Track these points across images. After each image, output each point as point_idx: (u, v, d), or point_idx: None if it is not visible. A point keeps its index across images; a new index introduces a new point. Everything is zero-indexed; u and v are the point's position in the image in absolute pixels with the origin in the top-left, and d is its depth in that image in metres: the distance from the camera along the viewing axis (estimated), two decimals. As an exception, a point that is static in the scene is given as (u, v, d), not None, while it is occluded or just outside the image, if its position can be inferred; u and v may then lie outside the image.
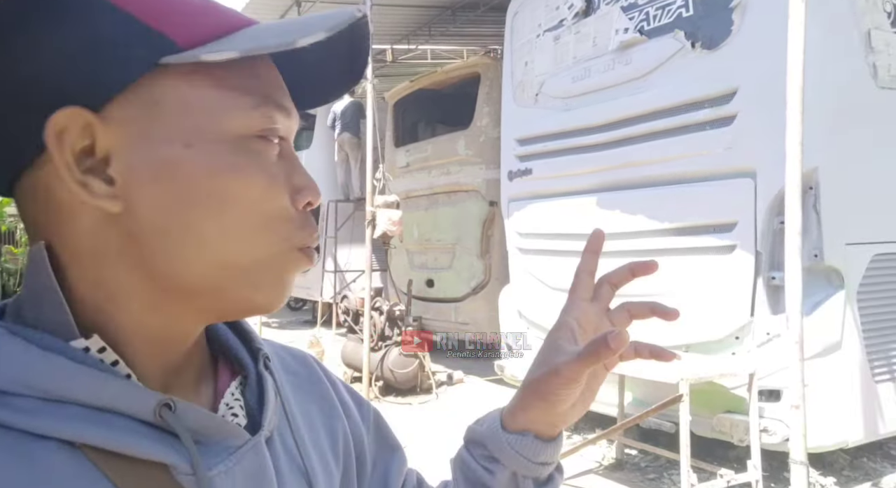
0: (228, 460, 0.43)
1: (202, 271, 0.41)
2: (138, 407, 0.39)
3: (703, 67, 3.45)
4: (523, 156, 4.66)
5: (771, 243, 3.25)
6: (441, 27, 8.63)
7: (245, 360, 0.51)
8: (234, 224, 0.41)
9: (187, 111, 0.40)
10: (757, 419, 3.09)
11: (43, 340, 0.39)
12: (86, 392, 0.38)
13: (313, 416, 0.56)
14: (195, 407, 0.42)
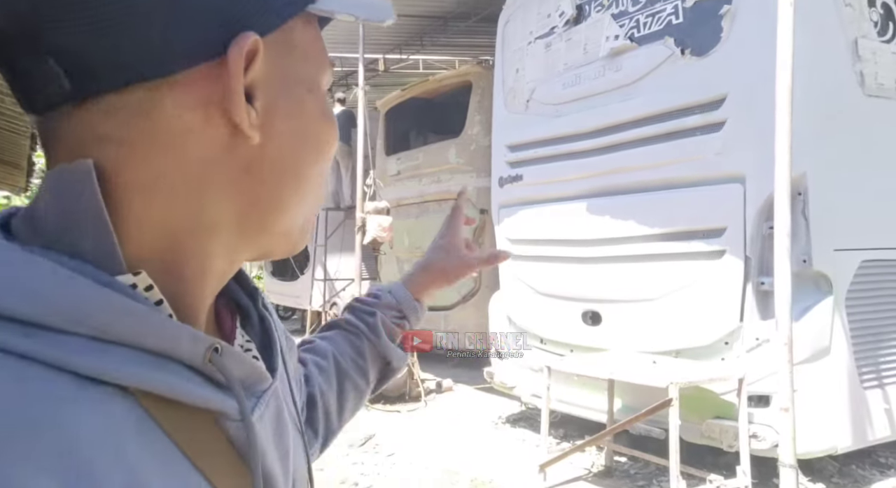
0: (259, 405, 0.42)
1: (293, 210, 0.43)
2: (190, 352, 0.37)
3: (693, 74, 3.47)
4: (514, 162, 4.67)
5: (760, 248, 3.25)
6: (433, 37, 8.68)
7: (244, 300, 0.50)
8: (322, 171, 0.44)
9: (309, 59, 0.42)
10: (746, 424, 3.08)
11: (89, 271, 0.34)
12: (140, 333, 0.35)
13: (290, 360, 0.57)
14: (237, 352, 0.41)
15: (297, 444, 0.49)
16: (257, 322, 0.50)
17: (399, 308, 0.78)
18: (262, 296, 0.52)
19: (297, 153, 0.42)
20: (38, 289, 0.32)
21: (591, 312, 4.04)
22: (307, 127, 0.42)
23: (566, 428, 4.44)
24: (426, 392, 5.45)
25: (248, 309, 0.50)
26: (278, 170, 0.41)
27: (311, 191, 0.44)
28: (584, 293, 4.05)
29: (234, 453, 0.39)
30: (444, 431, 4.62)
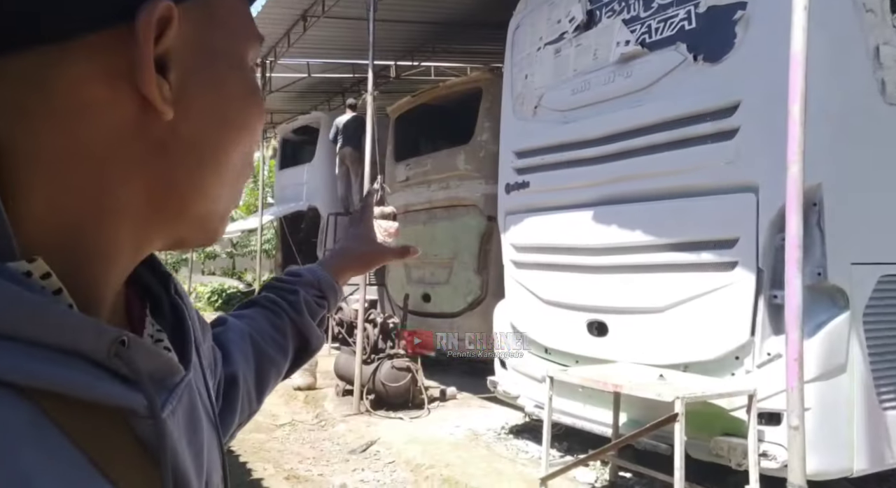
0: (171, 399, 0.39)
1: (213, 195, 0.40)
2: (91, 345, 0.33)
3: (705, 80, 3.39)
4: (521, 169, 4.60)
5: (773, 260, 3.15)
6: (444, 44, 8.67)
7: (154, 287, 0.46)
8: (245, 152, 0.41)
9: (232, 31, 0.40)
10: (756, 442, 2.97)
11: None
12: (35, 326, 0.31)
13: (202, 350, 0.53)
14: (145, 344, 0.37)
15: (210, 438, 0.46)
16: (169, 310, 0.46)
17: (319, 287, 0.79)
18: (175, 282, 0.48)
19: (218, 132, 0.39)
20: None
21: (597, 322, 3.95)
22: (229, 104, 0.39)
23: (570, 441, 4.34)
24: (430, 399, 5.37)
25: (160, 296, 0.46)
26: (196, 151, 0.38)
27: (234, 175, 0.41)
28: (590, 303, 3.96)
29: (144, 454, 0.36)
30: (445, 440, 4.54)
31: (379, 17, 6.20)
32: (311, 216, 9.40)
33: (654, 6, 3.67)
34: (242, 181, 0.43)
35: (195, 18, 0.37)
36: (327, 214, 8.91)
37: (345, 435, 4.59)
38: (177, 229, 0.40)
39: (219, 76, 0.39)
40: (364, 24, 6.58)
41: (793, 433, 2.35)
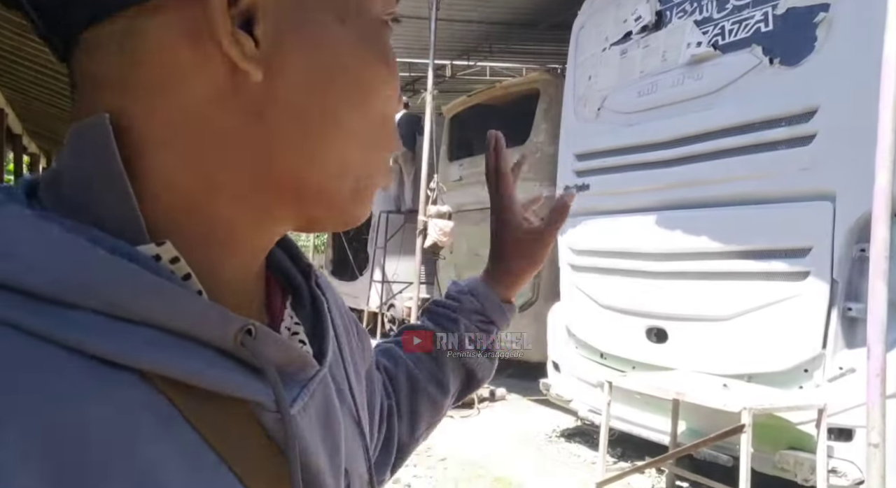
0: (303, 395, 0.37)
1: (327, 164, 0.35)
2: (218, 333, 0.32)
3: (782, 84, 3.29)
4: (581, 171, 4.56)
5: (848, 271, 3.05)
6: (501, 44, 8.65)
7: (296, 278, 0.44)
8: (369, 118, 0.37)
9: None
10: (825, 458, 2.88)
11: (109, 242, 0.30)
12: (161, 311, 0.30)
13: (351, 348, 0.51)
14: (274, 334, 0.35)
15: (353, 439, 0.44)
16: (309, 302, 0.44)
17: (483, 311, 0.69)
18: (317, 273, 0.46)
19: (323, 93, 0.34)
20: (48, 259, 0.28)
21: (657, 329, 3.89)
22: (335, 61, 0.34)
23: (623, 447, 4.29)
24: (479, 399, 5.38)
25: (300, 287, 0.44)
26: (298, 118, 0.34)
27: (359, 145, 0.36)
28: (650, 309, 3.90)
29: (271, 449, 0.34)
30: (496, 440, 4.54)
31: (438, 16, 6.25)
32: (363, 213, 9.53)
33: (728, 7, 3.59)
34: (377, 152, 0.38)
35: None
36: (379, 212, 9.01)
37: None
38: (299, 207, 0.36)
39: (323, 29, 0.34)
40: (423, 23, 6.64)
41: (872, 451, 2.27)
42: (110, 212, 0.31)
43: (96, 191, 0.31)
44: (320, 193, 0.36)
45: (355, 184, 0.37)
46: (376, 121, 0.37)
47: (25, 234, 0.28)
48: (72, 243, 0.29)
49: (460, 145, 7.96)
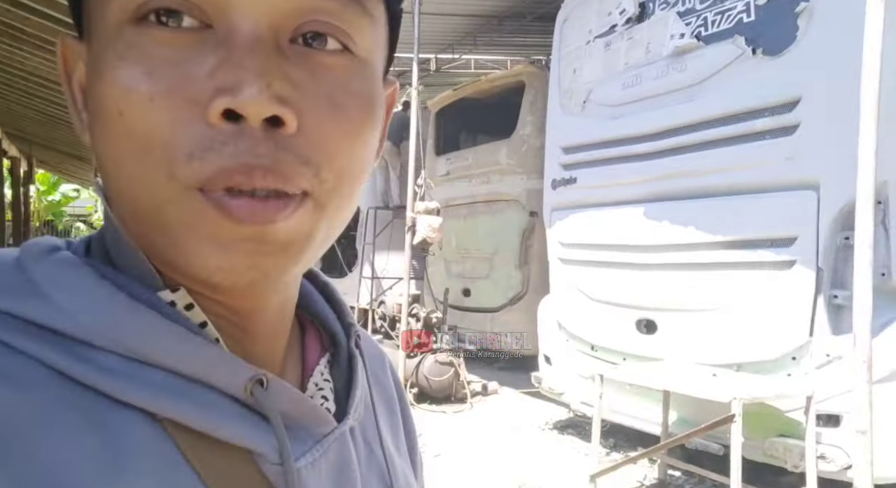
0: (315, 450, 0.37)
1: (126, 218, 0.34)
2: (229, 381, 0.33)
3: (764, 75, 3.31)
4: (568, 164, 4.57)
5: (834, 260, 3.08)
6: (486, 37, 8.62)
7: (339, 335, 0.44)
8: (115, 151, 0.31)
9: (93, 3, 0.33)
10: (814, 444, 2.92)
11: (132, 288, 0.32)
12: (175, 356, 0.32)
13: (391, 413, 0.50)
14: (288, 387, 0.36)
15: None
16: (346, 361, 0.44)
17: None
18: (359, 334, 0.45)
19: (94, 141, 0.34)
20: (79, 304, 0.31)
21: (646, 320, 3.92)
22: (91, 102, 0.33)
23: (616, 437, 4.32)
24: (472, 394, 5.40)
25: (341, 345, 0.44)
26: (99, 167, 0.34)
27: (124, 183, 0.32)
28: (639, 300, 3.93)
29: None
30: (490, 434, 4.56)
31: (422, 10, 6.22)
32: (351, 209, 9.50)
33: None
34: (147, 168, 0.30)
35: (92, 35, 0.33)
36: (367, 208, 8.99)
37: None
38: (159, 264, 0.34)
39: (89, 78, 0.33)
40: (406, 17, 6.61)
41: (859, 437, 2.30)
42: (131, 262, 0.34)
43: (117, 247, 0.35)
44: (146, 246, 0.33)
45: (158, 230, 0.32)
46: (131, 147, 0.30)
47: (66, 281, 0.32)
48: (101, 290, 0.32)
49: (447, 139, 7.95)
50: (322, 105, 0.31)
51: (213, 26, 0.30)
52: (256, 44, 0.30)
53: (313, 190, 0.32)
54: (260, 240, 0.31)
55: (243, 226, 0.30)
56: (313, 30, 0.32)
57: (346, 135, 0.32)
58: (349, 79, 0.33)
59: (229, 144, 0.29)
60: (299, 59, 0.31)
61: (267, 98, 0.29)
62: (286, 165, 0.30)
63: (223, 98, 0.29)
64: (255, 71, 0.29)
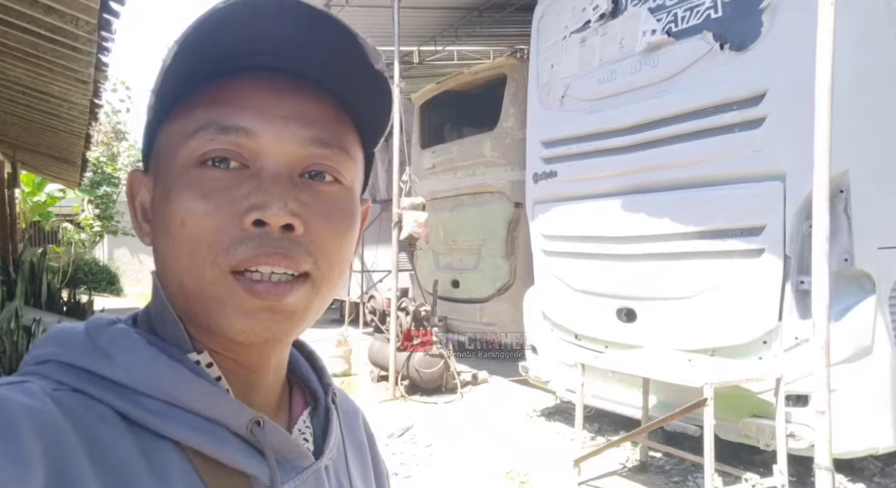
0: (297, 478, 0.48)
1: (177, 299, 0.47)
2: (235, 421, 0.45)
3: (732, 69, 3.42)
4: (548, 158, 4.67)
5: (800, 247, 3.21)
6: (468, 28, 8.66)
7: (318, 392, 0.57)
8: (174, 250, 0.45)
9: (164, 152, 0.47)
10: (784, 424, 3.06)
11: (170, 350, 0.45)
12: (200, 401, 0.44)
13: (362, 459, 0.62)
14: (279, 428, 0.48)
15: None
16: (323, 413, 0.56)
17: None
18: (334, 392, 0.58)
19: (155, 241, 0.48)
20: (134, 363, 0.44)
21: (626, 309, 4.05)
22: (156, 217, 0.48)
23: (601, 422, 4.47)
24: (462, 384, 5.53)
25: (320, 400, 0.57)
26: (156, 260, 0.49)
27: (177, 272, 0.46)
28: (619, 290, 4.06)
29: None
30: (480, 423, 4.70)
31: (403, 4, 6.25)
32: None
33: (679, -5, 3.69)
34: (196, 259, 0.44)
35: (153, 169, 0.49)
36: (355, 202, 9.06)
37: (382, 420, 4.78)
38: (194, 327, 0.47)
39: (153, 201, 0.49)
40: (387, 12, 6.63)
41: (819, 417, 2.44)
42: (171, 331, 0.47)
43: (161, 318, 0.48)
44: (188, 316, 0.47)
45: (199, 304, 0.45)
46: (186, 245, 0.44)
47: (124, 346, 0.45)
48: (148, 352, 0.45)
49: (432, 132, 8.01)
50: (321, 217, 0.46)
51: (250, 167, 0.45)
52: (278, 177, 0.45)
53: (313, 273, 0.45)
54: (273, 311, 0.45)
55: (262, 301, 0.44)
56: (316, 169, 0.47)
57: (335, 237, 0.47)
58: (338, 200, 0.48)
59: (256, 240, 0.43)
60: (306, 187, 0.46)
61: (284, 213, 0.43)
62: (295, 254, 0.44)
63: (255, 212, 0.43)
64: (277, 194, 0.44)
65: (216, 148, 0.44)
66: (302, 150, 0.46)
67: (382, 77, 0.47)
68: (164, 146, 0.47)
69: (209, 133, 0.44)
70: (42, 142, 7.02)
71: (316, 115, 0.47)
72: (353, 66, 0.46)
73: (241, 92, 0.45)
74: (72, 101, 4.77)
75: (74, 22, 3.21)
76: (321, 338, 8.13)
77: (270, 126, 0.45)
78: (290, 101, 0.46)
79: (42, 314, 5.34)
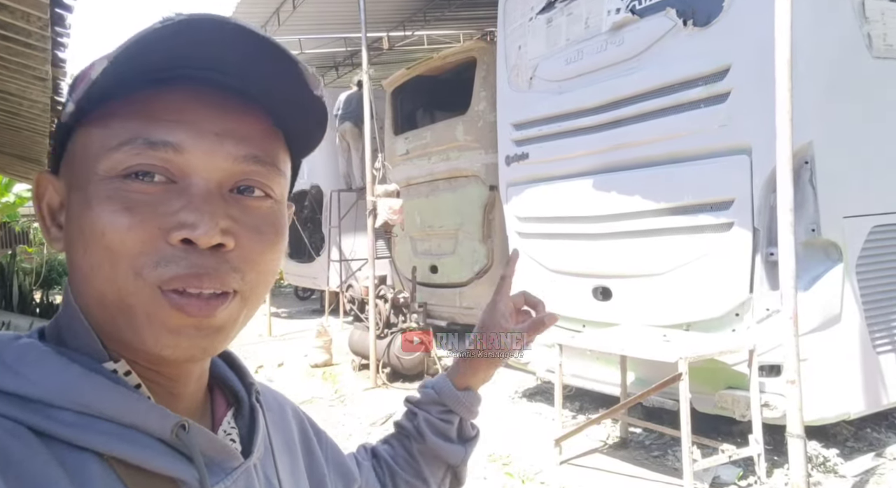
0: (227, 479, 0.48)
1: (94, 309, 0.45)
2: (158, 427, 0.44)
3: (696, 45, 3.43)
4: (519, 140, 4.66)
5: (768, 219, 3.25)
6: (436, 12, 8.58)
7: (241, 393, 0.57)
8: (94, 260, 0.43)
9: (81, 159, 0.45)
10: (758, 394, 3.12)
11: (82, 360, 0.44)
12: (117, 410, 0.43)
13: (290, 453, 0.62)
14: (204, 431, 0.47)
15: None
16: (248, 413, 0.56)
17: (441, 402, 0.77)
18: (257, 390, 0.58)
19: (71, 252, 0.46)
20: (42, 376, 0.43)
21: (602, 288, 4.08)
22: (74, 225, 0.45)
23: (581, 401, 4.52)
24: (443, 369, 5.55)
25: (244, 400, 0.57)
26: (71, 270, 0.47)
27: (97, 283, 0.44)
28: (594, 269, 4.08)
29: None
30: (462, 408, 4.72)
31: (368, -9, 6.15)
32: (315, 193, 9.49)
33: (642, -28, 3.67)
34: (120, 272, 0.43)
35: (66, 169, 0.47)
36: (330, 191, 8.98)
37: (365, 409, 4.79)
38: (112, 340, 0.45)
39: (70, 205, 0.46)
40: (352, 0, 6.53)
41: (790, 387, 2.49)
42: (83, 342, 0.45)
43: (73, 326, 0.46)
44: (107, 329, 0.45)
45: (121, 317, 0.44)
46: (108, 258, 0.43)
47: (30, 359, 0.43)
48: (57, 364, 0.43)
49: (404, 118, 7.94)
50: (251, 233, 0.46)
51: (178, 182, 0.44)
52: (208, 195, 0.44)
53: (241, 289, 0.45)
54: (199, 327, 0.44)
55: (190, 318, 0.43)
56: (246, 184, 0.47)
57: (265, 252, 0.47)
58: (268, 216, 0.48)
59: (185, 259, 0.43)
60: (235, 203, 0.46)
61: (215, 232, 0.43)
62: (223, 273, 0.44)
63: (184, 230, 0.42)
64: (209, 213, 0.43)
65: (142, 162, 0.43)
66: (234, 167, 0.45)
67: (321, 103, 0.48)
68: (82, 151, 0.45)
69: (136, 147, 0.43)
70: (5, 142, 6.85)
71: (249, 132, 0.46)
72: (294, 93, 0.47)
73: (170, 105, 0.44)
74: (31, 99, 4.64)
75: (25, 18, 3.11)
76: (302, 330, 8.10)
77: (201, 142, 0.44)
78: (221, 116, 0.45)
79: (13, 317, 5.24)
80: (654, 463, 3.53)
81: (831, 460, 3.28)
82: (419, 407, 0.78)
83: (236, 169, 0.46)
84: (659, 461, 3.57)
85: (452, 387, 0.78)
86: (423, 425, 0.77)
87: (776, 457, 3.37)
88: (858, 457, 3.37)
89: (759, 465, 3.14)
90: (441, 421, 0.77)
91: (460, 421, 0.78)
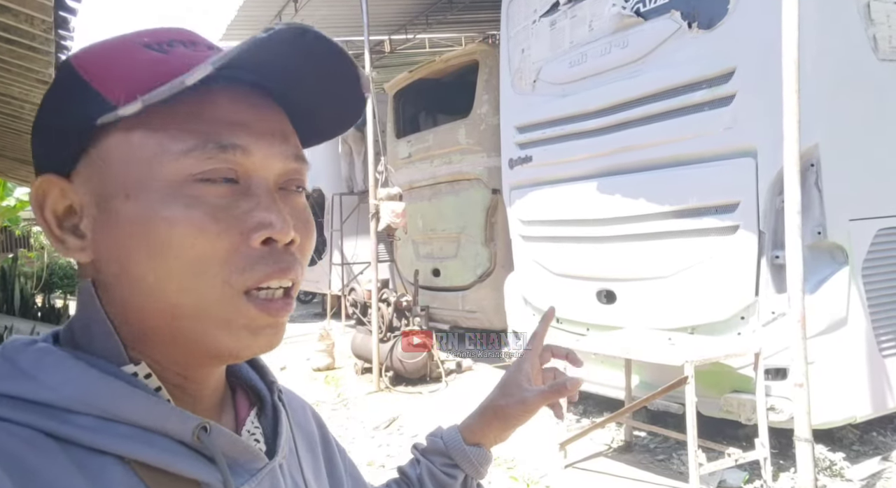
0: (251, 481, 0.47)
1: (156, 318, 0.44)
2: (180, 430, 0.44)
3: (701, 47, 3.42)
4: (523, 143, 4.65)
5: (774, 222, 3.24)
6: (438, 15, 8.59)
7: (263, 392, 0.56)
8: (169, 270, 0.42)
9: (128, 164, 0.43)
10: (763, 398, 3.11)
11: (100, 364, 0.43)
12: (137, 413, 0.42)
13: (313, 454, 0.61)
14: (226, 432, 0.46)
15: None
16: (271, 412, 0.55)
17: (448, 454, 0.73)
18: (279, 389, 0.57)
19: (128, 263, 0.43)
20: (60, 381, 0.42)
21: (606, 291, 4.06)
22: (130, 234, 0.42)
23: (585, 404, 4.50)
24: (446, 372, 5.53)
25: (266, 399, 0.56)
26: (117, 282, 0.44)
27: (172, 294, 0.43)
28: (598, 272, 4.07)
29: None
30: (465, 411, 4.68)
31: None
32: (317, 197, 9.49)
33: (646, -26, 3.67)
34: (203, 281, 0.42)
35: (90, 173, 0.43)
36: (332, 195, 8.98)
37: (368, 413, 4.77)
38: (173, 348, 0.45)
39: (115, 213, 0.43)
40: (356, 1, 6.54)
41: (797, 390, 2.47)
42: (102, 344, 0.44)
43: (91, 329, 0.45)
44: (172, 337, 0.45)
45: (198, 325, 0.43)
46: (188, 267, 0.42)
47: (47, 364, 0.42)
48: (76, 368, 0.42)
49: (406, 121, 7.94)
50: (301, 228, 0.47)
51: (240, 183, 0.44)
52: (269, 193, 0.45)
53: (296, 281, 0.46)
54: (275, 326, 0.46)
55: (272, 317, 0.45)
56: (289, 181, 0.48)
57: (310, 245, 0.49)
58: (305, 208, 0.49)
59: (269, 258, 0.44)
60: (284, 199, 0.47)
61: (290, 228, 0.44)
62: (295, 267, 0.46)
63: (264, 230, 0.43)
64: (278, 211, 0.44)
65: (215, 166, 0.43)
66: (286, 165, 0.47)
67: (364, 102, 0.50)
68: (125, 155, 0.42)
69: (207, 152, 0.42)
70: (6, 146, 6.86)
71: (286, 130, 0.48)
72: (349, 93, 0.49)
73: (222, 107, 0.44)
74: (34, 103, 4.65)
75: (29, 21, 3.11)
76: (304, 333, 8.08)
77: (261, 143, 0.45)
78: (265, 116, 0.46)
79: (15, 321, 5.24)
80: (658, 467, 3.51)
81: (837, 464, 3.26)
82: (424, 456, 0.75)
83: (288, 167, 0.47)
84: (664, 464, 3.55)
85: (461, 441, 0.73)
86: (426, 476, 0.73)
87: (782, 461, 3.35)
88: (864, 461, 3.35)
89: (766, 469, 3.12)
90: (444, 474, 0.73)
91: (465, 478, 0.74)
